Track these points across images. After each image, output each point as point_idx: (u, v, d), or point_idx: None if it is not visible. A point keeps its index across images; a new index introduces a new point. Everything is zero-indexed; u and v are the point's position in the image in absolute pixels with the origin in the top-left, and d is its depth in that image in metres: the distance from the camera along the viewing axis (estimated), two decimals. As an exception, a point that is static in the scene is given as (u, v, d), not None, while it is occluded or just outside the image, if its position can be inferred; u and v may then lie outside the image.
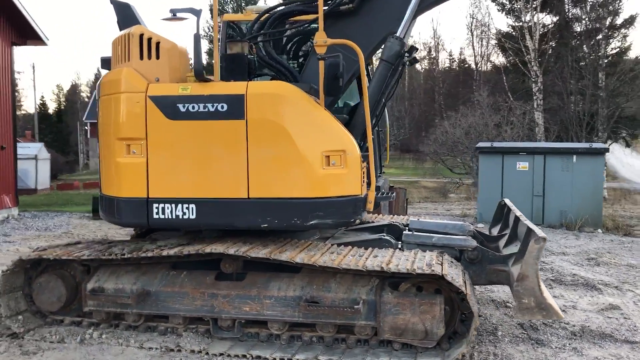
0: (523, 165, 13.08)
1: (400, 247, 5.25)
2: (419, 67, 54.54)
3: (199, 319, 5.04)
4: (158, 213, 4.90)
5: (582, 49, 28.61)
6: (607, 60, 27.99)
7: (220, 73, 5.02)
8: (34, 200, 19.86)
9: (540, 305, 4.33)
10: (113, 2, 5.53)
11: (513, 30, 30.14)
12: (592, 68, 26.84)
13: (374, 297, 4.59)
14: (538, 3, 28.55)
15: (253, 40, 5.57)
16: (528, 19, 28.86)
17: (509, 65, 31.93)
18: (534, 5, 28.60)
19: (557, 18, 29.81)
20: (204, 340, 4.89)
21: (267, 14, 5.67)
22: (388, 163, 8.64)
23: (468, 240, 5.10)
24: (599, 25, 28.01)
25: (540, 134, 26.55)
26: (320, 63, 4.88)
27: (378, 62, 5.56)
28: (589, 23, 28.43)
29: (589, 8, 28.38)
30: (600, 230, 12.47)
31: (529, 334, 5.23)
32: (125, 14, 5.54)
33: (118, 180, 5.03)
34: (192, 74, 5.00)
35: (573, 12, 29.64)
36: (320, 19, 4.96)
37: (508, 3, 30.70)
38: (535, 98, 27.53)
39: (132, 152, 4.93)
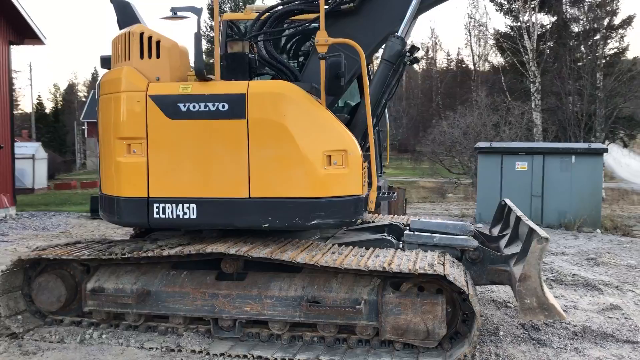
0: (522, 166, 13.09)
1: (402, 247, 5.23)
2: (417, 67, 54.60)
3: (200, 319, 5.02)
4: (159, 213, 4.88)
5: (580, 50, 28.65)
6: (604, 61, 28.03)
7: (221, 72, 5.00)
8: (32, 200, 19.81)
9: (543, 306, 4.32)
10: (113, 0, 5.50)
11: (511, 31, 30.15)
12: (590, 68, 26.87)
13: (376, 297, 4.58)
14: (536, 3, 28.57)
15: (254, 40, 5.55)
16: (526, 19, 28.88)
17: (507, 66, 31.93)
18: (532, 6, 28.62)
19: (555, 18, 29.82)
20: (205, 341, 4.87)
21: (267, 13, 5.65)
22: (388, 163, 8.62)
23: (469, 241, 5.09)
24: (597, 26, 28.05)
25: (538, 134, 26.57)
26: (322, 62, 4.87)
27: (379, 61, 5.55)
28: (587, 23, 28.46)
29: (587, 8, 28.42)
30: (599, 231, 12.49)
31: (530, 334, 5.22)
32: (125, 13, 5.51)
33: (118, 180, 5.00)
34: (192, 73, 4.98)
35: (571, 12, 29.68)
36: (322, 18, 4.95)
37: (506, 3, 30.72)
38: (533, 98, 27.55)
39: (132, 151, 4.91)
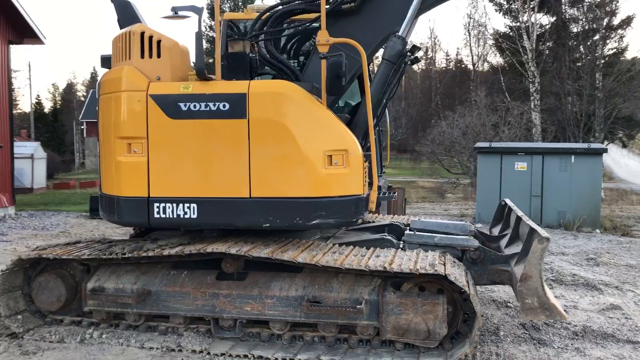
0: (521, 166, 13.09)
1: (402, 247, 5.23)
2: (416, 67, 54.60)
3: (200, 319, 5.01)
4: (159, 212, 4.87)
5: (579, 50, 28.67)
6: (604, 61, 28.05)
7: (222, 72, 5.00)
8: (30, 200, 19.79)
9: (544, 306, 4.31)
10: (114, 0, 5.49)
11: (510, 31, 30.16)
12: (589, 69, 26.88)
13: (377, 297, 4.57)
14: (535, 3, 28.58)
15: (254, 39, 5.54)
16: (525, 19, 28.89)
17: (506, 66, 31.95)
18: (532, 6, 28.63)
19: (554, 18, 29.84)
20: (205, 340, 4.86)
21: (268, 13, 5.65)
22: (388, 163, 8.62)
23: (470, 240, 5.09)
24: (596, 26, 28.07)
25: (538, 135, 26.59)
26: (323, 62, 4.86)
27: (379, 61, 5.55)
28: (586, 24, 28.49)
29: (586, 9, 28.44)
30: (599, 231, 12.49)
31: (531, 334, 5.22)
32: (126, 12, 5.50)
33: (118, 179, 5.00)
34: (193, 73, 4.97)
35: (570, 12, 29.70)
36: (323, 18, 4.94)
37: (505, 3, 30.75)
38: (533, 98, 27.56)
39: (132, 151, 4.90)
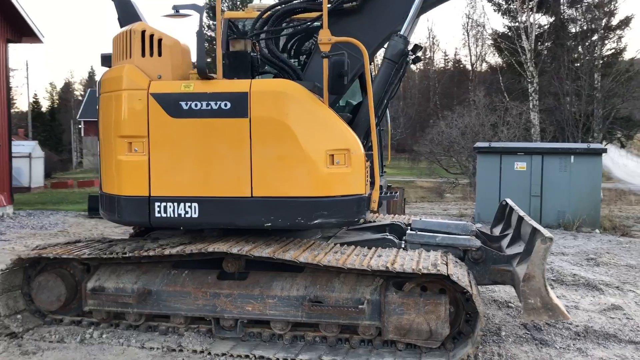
0: (521, 166, 13.08)
1: (404, 246, 5.21)
2: (414, 67, 54.57)
3: (201, 319, 4.99)
4: (160, 212, 4.85)
5: (577, 50, 28.71)
6: (602, 62, 28.11)
7: (223, 71, 4.97)
8: (28, 199, 19.75)
9: (547, 306, 4.30)
10: (114, -2, 5.47)
11: (509, 31, 30.20)
12: (587, 69, 26.94)
13: (378, 297, 4.55)
14: (534, 4, 28.62)
15: (256, 38, 5.52)
16: (524, 20, 28.92)
17: (505, 66, 31.99)
18: (530, 6, 28.66)
19: (553, 19, 29.90)
20: (206, 340, 4.84)
21: (269, 12, 5.62)
22: (389, 163, 8.61)
23: (472, 240, 5.07)
24: (595, 27, 28.12)
25: (536, 135, 26.62)
26: (325, 61, 4.84)
27: (380, 61, 5.53)
28: (585, 24, 28.53)
29: (585, 9, 28.49)
30: (598, 231, 12.49)
31: (533, 334, 5.21)
32: (126, 11, 5.48)
33: (119, 179, 4.97)
34: (194, 72, 4.95)
35: (569, 13, 29.74)
36: (325, 17, 4.92)
37: (504, 3, 30.78)
38: (531, 99, 27.60)
39: (133, 150, 4.87)
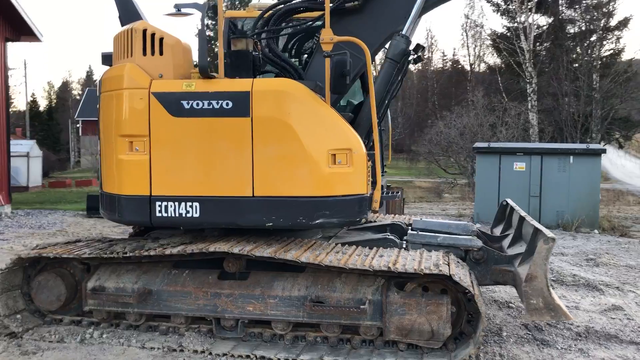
0: (520, 166, 13.09)
1: (405, 246, 5.20)
2: (412, 67, 54.59)
3: (202, 319, 4.97)
4: (161, 211, 4.83)
5: (576, 51, 28.75)
6: (600, 62, 28.15)
7: (225, 70, 4.96)
8: (26, 198, 19.70)
9: (549, 306, 4.29)
10: (115, -3, 5.45)
11: (508, 31, 30.22)
12: (586, 69, 26.97)
13: (380, 297, 4.54)
14: (533, 4, 28.64)
15: (257, 37, 5.50)
16: (523, 20, 28.95)
17: (503, 66, 32.02)
18: (529, 7, 28.68)
19: (551, 19, 29.93)
20: (207, 340, 4.82)
21: (271, 11, 5.60)
22: (390, 163, 8.60)
23: (474, 241, 5.06)
24: (593, 27, 28.16)
25: (535, 135, 26.64)
26: (327, 60, 4.83)
27: (381, 60, 5.52)
28: (583, 24, 28.57)
29: (583, 10, 28.53)
30: (597, 231, 12.50)
31: (534, 335, 5.20)
32: (127, 9, 5.46)
33: (120, 178, 4.95)
34: (196, 71, 4.93)
35: (567, 13, 29.79)
36: (327, 16, 4.91)
37: (503, 4, 30.80)
38: (530, 99, 27.62)
39: (134, 149, 4.85)
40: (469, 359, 4.31)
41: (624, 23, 28.71)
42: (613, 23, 28.85)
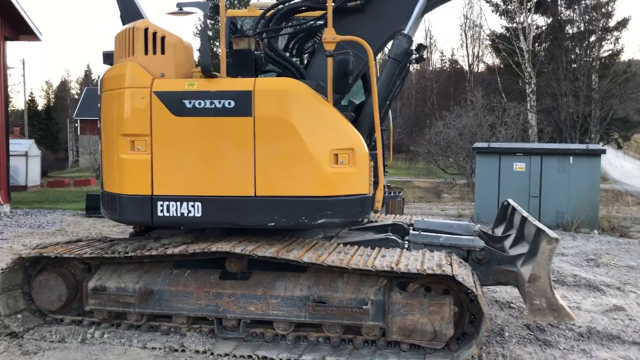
0: (520, 166, 13.07)
1: (407, 246, 5.19)
2: (411, 67, 54.50)
3: (203, 319, 4.96)
4: (163, 211, 4.81)
5: (575, 51, 28.78)
6: (599, 63, 28.18)
7: (227, 69, 4.94)
8: (25, 198, 19.65)
9: (552, 307, 4.28)
10: (116, -5, 5.43)
11: (507, 32, 30.22)
12: (585, 70, 26.99)
13: (383, 297, 4.53)
14: (532, 4, 28.65)
15: (259, 36, 5.48)
16: (522, 20, 28.96)
17: (502, 66, 32.03)
18: (528, 7, 28.69)
19: (550, 20, 29.94)
20: (209, 341, 4.81)
21: (272, 10, 5.59)
22: (391, 163, 8.58)
23: (476, 241, 5.05)
24: (592, 28, 28.19)
25: (534, 135, 26.64)
26: (329, 60, 4.82)
27: (381, 60, 5.50)
28: (582, 25, 28.60)
29: (582, 10, 28.55)
30: (597, 232, 12.49)
31: (536, 335, 5.19)
32: (129, 8, 5.44)
33: (121, 177, 4.93)
34: (198, 70, 4.92)
35: (566, 14, 29.81)
36: (329, 15, 4.89)
37: (502, 4, 30.80)
38: (529, 99, 27.63)
39: (136, 148, 4.84)
40: (472, 360, 4.30)
41: (623, 24, 28.75)
42: (612, 24, 28.90)
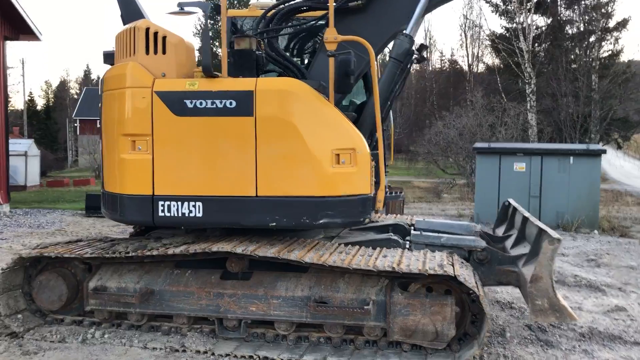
0: (520, 166, 13.06)
1: (409, 247, 5.18)
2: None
3: (204, 319, 4.95)
4: (164, 211, 4.80)
5: (575, 52, 28.78)
6: (599, 63, 28.18)
7: (228, 69, 4.93)
8: (24, 197, 19.64)
9: (554, 307, 4.28)
10: (117, -5, 5.42)
11: (506, 32, 30.22)
12: (585, 70, 26.99)
13: (384, 297, 4.52)
14: (532, 5, 28.64)
15: (260, 36, 5.48)
16: (521, 21, 28.95)
17: (502, 66, 32.02)
18: (528, 7, 28.69)
19: (550, 20, 29.94)
20: (210, 341, 4.80)
21: (274, 10, 5.58)
22: (392, 163, 8.57)
23: (477, 241, 5.05)
24: (592, 28, 28.19)
25: (534, 136, 26.64)
26: (331, 60, 4.81)
27: (383, 60, 5.50)
28: (582, 25, 28.60)
29: (582, 11, 28.56)
30: (597, 232, 12.49)
31: (538, 336, 5.18)
32: (130, 8, 5.43)
33: (122, 177, 4.92)
34: (199, 70, 4.91)
35: (566, 14, 29.81)
36: (331, 15, 4.88)
37: (502, 4, 30.80)
38: (529, 99, 27.62)
39: (137, 148, 4.83)
40: (473, 360, 4.29)
41: (623, 24, 28.75)
42: (612, 24, 28.91)
